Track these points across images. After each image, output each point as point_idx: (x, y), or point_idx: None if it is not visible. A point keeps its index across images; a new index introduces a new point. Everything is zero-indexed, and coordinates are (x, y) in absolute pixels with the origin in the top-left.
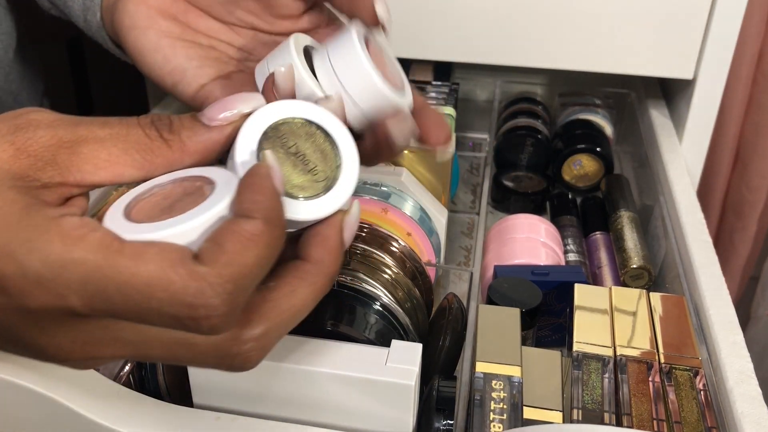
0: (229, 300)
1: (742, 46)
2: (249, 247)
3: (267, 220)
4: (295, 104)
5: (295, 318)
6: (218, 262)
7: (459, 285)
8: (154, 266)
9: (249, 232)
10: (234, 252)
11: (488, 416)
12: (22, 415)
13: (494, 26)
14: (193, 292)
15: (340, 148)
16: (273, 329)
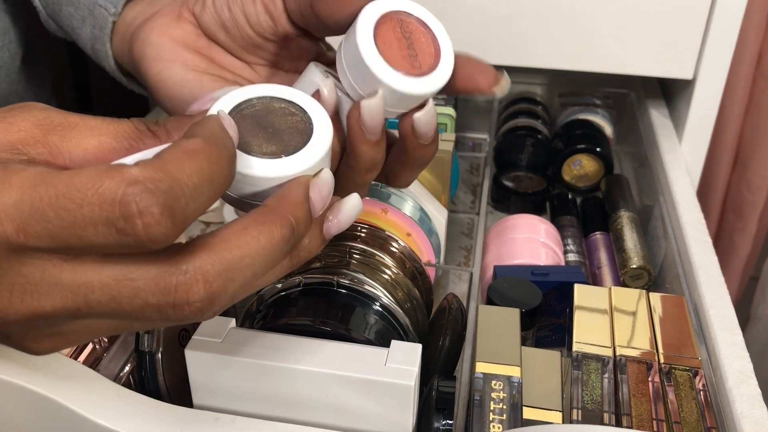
0: (163, 198)
1: (742, 46)
2: (188, 157)
3: (209, 141)
4: (277, 87)
5: (246, 259)
6: (153, 166)
7: (459, 285)
8: (87, 174)
9: (188, 147)
10: (171, 158)
11: (488, 416)
12: (22, 415)
13: (494, 26)
14: (123, 189)
15: (315, 127)
16: (218, 263)
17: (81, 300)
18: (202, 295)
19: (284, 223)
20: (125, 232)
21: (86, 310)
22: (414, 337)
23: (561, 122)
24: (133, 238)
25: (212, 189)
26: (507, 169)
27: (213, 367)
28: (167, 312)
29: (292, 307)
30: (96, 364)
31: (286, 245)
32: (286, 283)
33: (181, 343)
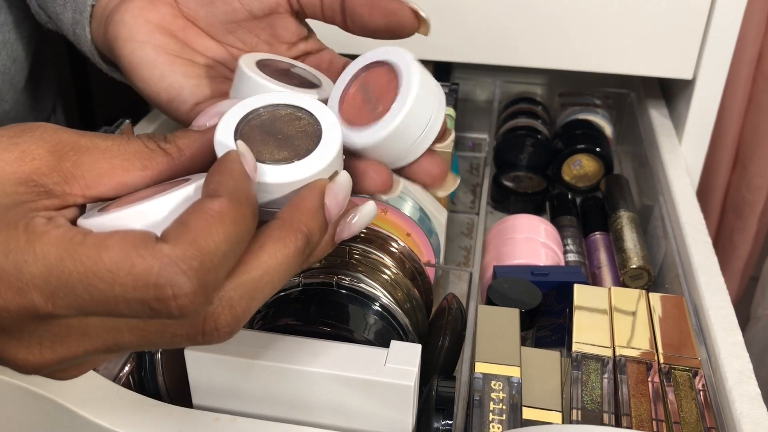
0: (195, 277)
1: (742, 46)
2: (214, 224)
3: (233, 198)
4: (279, 94)
5: (265, 277)
6: (182, 240)
7: (459, 285)
8: (116, 251)
9: (214, 210)
10: (199, 228)
11: (487, 416)
12: (22, 415)
13: (494, 26)
14: (157, 271)
15: (324, 128)
16: (240, 286)
17: (111, 342)
18: (229, 320)
19: (299, 235)
20: (158, 310)
21: (116, 348)
22: (414, 338)
23: (561, 122)
24: (166, 315)
25: (239, 249)
26: (507, 169)
27: (213, 367)
28: (197, 340)
29: (292, 307)
30: None
31: (301, 256)
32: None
33: None
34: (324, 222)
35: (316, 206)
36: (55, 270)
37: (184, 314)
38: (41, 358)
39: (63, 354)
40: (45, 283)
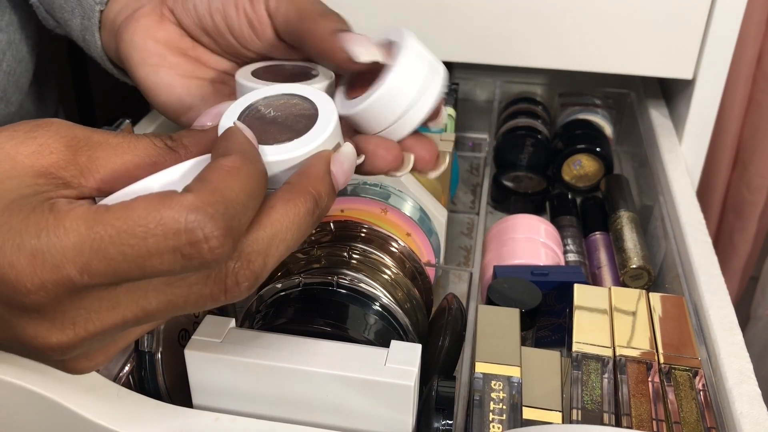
0: (222, 221)
1: (742, 46)
2: (232, 176)
3: (243, 155)
4: (275, 86)
5: (279, 235)
6: (205, 189)
7: (459, 285)
8: (143, 208)
9: (229, 165)
10: (218, 180)
11: (488, 416)
12: (22, 415)
13: (494, 26)
14: (186, 217)
15: (318, 107)
16: (255, 242)
17: (140, 311)
18: (248, 275)
19: (308, 197)
20: (191, 257)
21: (144, 317)
22: (414, 337)
23: (561, 122)
24: (198, 261)
25: (255, 203)
26: (507, 169)
27: (213, 367)
28: (221, 298)
29: (291, 307)
30: None
31: (312, 217)
32: (286, 283)
33: (181, 343)
34: (331, 186)
35: (323, 172)
36: (87, 239)
37: (216, 258)
38: (74, 336)
39: (94, 329)
40: (79, 255)
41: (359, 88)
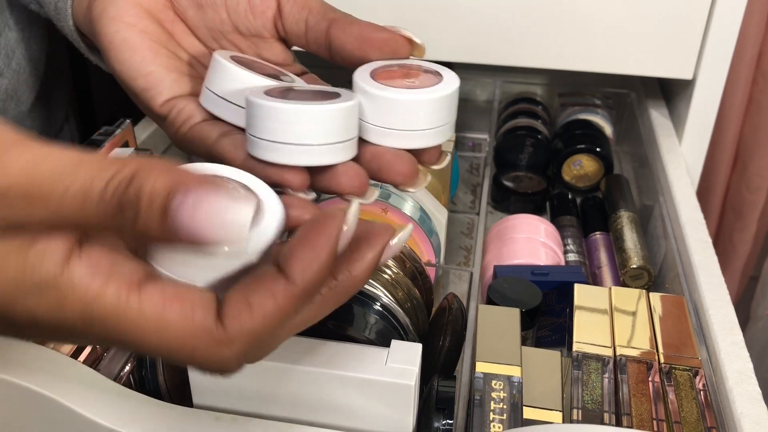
0: (244, 358)
1: (742, 46)
2: (279, 318)
3: (306, 290)
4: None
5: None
6: (243, 328)
7: (459, 285)
8: (178, 334)
9: (285, 303)
10: (262, 315)
11: (488, 416)
12: (22, 415)
13: (494, 26)
14: (213, 357)
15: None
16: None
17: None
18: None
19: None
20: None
21: None
22: (414, 337)
23: (561, 122)
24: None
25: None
26: (507, 169)
27: None
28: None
29: None
30: (96, 364)
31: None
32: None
33: None
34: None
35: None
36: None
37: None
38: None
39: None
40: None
41: (391, 76)
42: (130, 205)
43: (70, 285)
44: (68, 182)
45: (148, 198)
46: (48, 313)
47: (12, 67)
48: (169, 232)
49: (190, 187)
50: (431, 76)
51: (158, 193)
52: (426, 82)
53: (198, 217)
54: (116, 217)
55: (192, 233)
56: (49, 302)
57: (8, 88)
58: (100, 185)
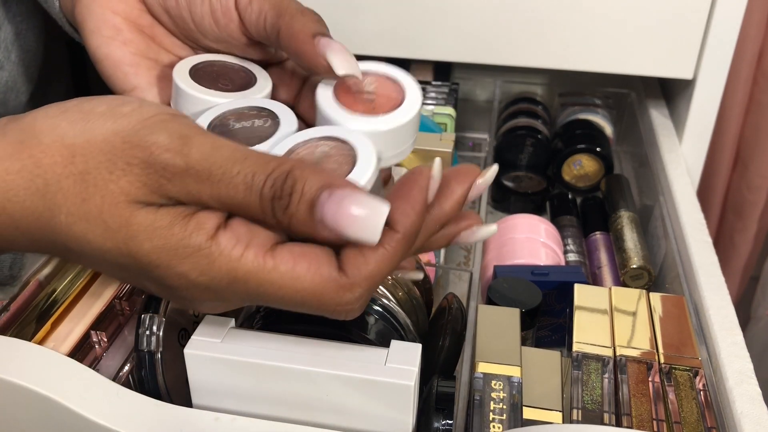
0: (364, 300)
1: (742, 46)
2: (388, 262)
3: (407, 237)
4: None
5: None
6: (362, 276)
7: (459, 285)
8: (308, 285)
9: (392, 248)
10: (375, 261)
11: (488, 416)
12: (22, 415)
13: (494, 26)
14: (339, 301)
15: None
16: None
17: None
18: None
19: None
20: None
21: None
22: (414, 337)
23: (561, 122)
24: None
25: None
26: (507, 169)
27: (212, 367)
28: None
29: None
30: (95, 364)
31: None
32: None
33: (181, 342)
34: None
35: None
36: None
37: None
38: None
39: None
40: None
41: (353, 97)
42: (284, 197)
43: (218, 251)
44: (237, 171)
45: (299, 193)
46: (200, 274)
47: (11, 60)
48: (312, 224)
49: (336, 188)
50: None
51: (308, 189)
52: (386, 104)
53: (341, 214)
54: (269, 206)
55: (333, 227)
56: (201, 265)
57: (8, 81)
58: (262, 177)
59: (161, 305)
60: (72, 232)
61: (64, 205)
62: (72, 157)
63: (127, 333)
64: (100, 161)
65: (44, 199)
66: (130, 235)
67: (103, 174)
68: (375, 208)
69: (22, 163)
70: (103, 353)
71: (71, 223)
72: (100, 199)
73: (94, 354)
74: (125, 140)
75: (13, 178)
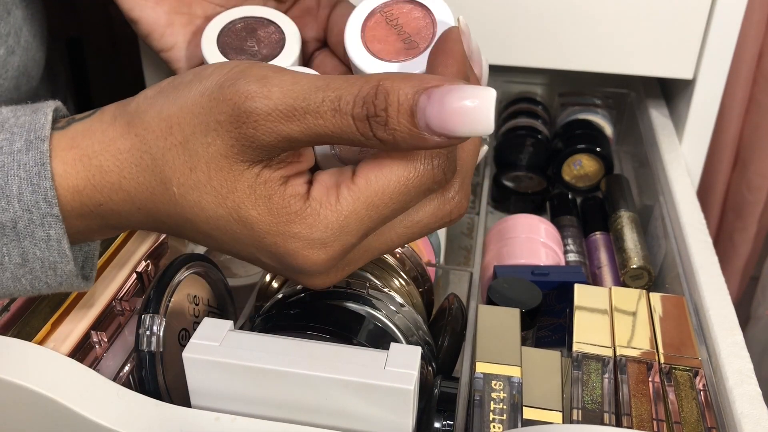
0: (468, 197)
1: (742, 46)
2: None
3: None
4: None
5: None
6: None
7: (459, 285)
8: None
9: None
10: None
11: (488, 416)
12: (22, 415)
13: (494, 26)
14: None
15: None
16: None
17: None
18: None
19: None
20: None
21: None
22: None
23: (561, 122)
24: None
25: None
26: (507, 169)
27: (211, 370)
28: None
29: (291, 310)
30: (96, 364)
31: None
32: (287, 290)
33: (181, 342)
34: None
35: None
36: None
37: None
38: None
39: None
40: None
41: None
42: (379, 113)
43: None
44: (321, 98)
45: (396, 104)
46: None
47: (21, 44)
48: (418, 133)
49: (432, 87)
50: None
51: (404, 98)
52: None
53: (446, 112)
54: (367, 126)
55: (442, 130)
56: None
57: (20, 65)
58: (350, 99)
59: (161, 305)
60: (186, 202)
61: (174, 177)
62: (169, 128)
63: (128, 333)
64: (195, 125)
65: (155, 174)
66: (238, 202)
67: (200, 138)
68: (482, 96)
69: (131, 141)
70: (103, 353)
71: (184, 193)
72: (206, 166)
73: (95, 354)
74: (211, 98)
75: (125, 157)
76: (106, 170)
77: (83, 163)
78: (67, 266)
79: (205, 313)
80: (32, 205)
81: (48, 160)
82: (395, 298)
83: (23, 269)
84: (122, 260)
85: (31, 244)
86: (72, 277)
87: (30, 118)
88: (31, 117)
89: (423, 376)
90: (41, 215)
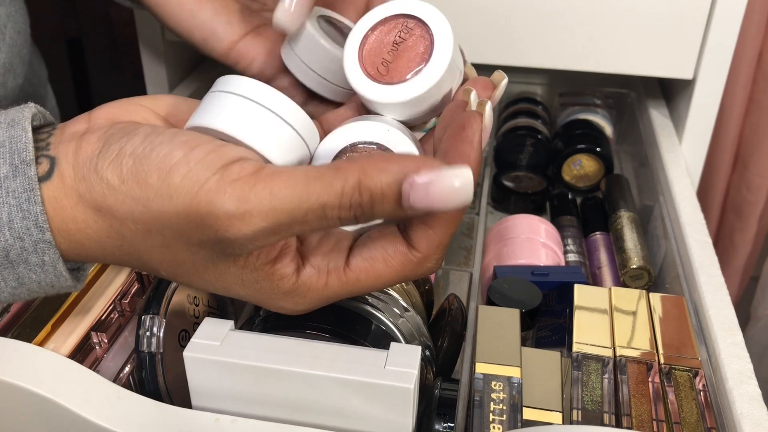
0: (440, 262)
1: (742, 46)
2: (453, 224)
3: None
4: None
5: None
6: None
7: (459, 285)
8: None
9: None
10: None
11: (488, 417)
12: (22, 416)
13: (494, 26)
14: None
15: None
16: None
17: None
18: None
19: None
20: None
21: None
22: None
23: (561, 122)
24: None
25: None
26: (507, 169)
27: (211, 370)
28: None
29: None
30: (96, 365)
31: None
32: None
33: (181, 343)
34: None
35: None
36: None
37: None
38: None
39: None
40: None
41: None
42: (366, 211)
43: (306, 287)
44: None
45: (379, 197)
46: (297, 306)
47: (6, 42)
48: (403, 213)
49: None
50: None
51: (388, 190)
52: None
53: (432, 193)
54: (353, 221)
55: (427, 209)
56: (296, 300)
57: (5, 63)
58: (335, 208)
59: (161, 306)
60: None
61: (161, 265)
62: (148, 231)
63: (128, 334)
64: (175, 237)
65: (140, 260)
66: (227, 286)
67: (183, 248)
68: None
69: (107, 231)
70: (103, 354)
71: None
72: (192, 266)
73: (95, 355)
74: (189, 219)
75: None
76: (87, 247)
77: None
78: (65, 283)
79: (205, 313)
80: (23, 232)
81: (37, 185)
82: (399, 301)
83: (20, 289)
84: None
85: (26, 270)
86: (69, 286)
87: (8, 133)
88: (8, 132)
89: (423, 380)
90: (33, 242)
